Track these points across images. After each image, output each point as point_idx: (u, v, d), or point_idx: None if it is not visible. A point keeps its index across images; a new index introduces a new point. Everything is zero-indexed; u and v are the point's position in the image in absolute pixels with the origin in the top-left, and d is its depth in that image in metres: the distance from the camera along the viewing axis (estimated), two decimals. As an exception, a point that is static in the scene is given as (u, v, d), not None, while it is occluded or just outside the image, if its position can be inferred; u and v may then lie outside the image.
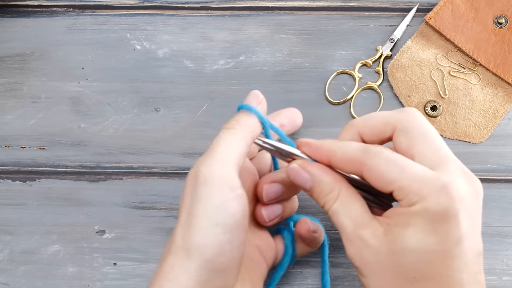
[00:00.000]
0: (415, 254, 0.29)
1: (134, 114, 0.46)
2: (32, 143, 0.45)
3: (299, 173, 0.33)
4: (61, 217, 0.43)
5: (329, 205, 0.32)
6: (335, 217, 0.32)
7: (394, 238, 0.29)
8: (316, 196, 0.33)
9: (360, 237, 0.30)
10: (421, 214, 0.29)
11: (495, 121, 0.44)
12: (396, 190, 0.30)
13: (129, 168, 0.44)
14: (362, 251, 0.30)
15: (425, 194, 0.29)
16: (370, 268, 0.30)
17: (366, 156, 0.31)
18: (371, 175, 0.31)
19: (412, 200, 0.29)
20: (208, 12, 0.49)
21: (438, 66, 0.46)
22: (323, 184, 0.32)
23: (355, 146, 0.32)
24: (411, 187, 0.29)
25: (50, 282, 0.42)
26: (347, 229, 0.31)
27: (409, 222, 0.29)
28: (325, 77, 0.46)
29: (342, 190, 0.32)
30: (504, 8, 0.47)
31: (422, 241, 0.29)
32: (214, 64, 0.47)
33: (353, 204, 0.32)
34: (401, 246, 0.29)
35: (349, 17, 0.48)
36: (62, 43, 0.48)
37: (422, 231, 0.29)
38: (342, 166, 0.32)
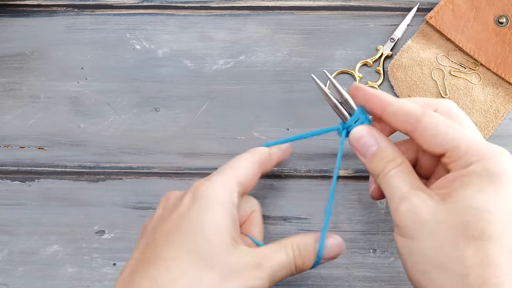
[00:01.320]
0: (477, 212, 0.29)
1: (133, 114, 0.46)
2: (31, 143, 0.45)
3: (365, 136, 0.34)
4: (60, 217, 0.43)
5: (388, 169, 0.32)
6: (393, 179, 0.32)
7: (454, 200, 0.30)
8: (376, 162, 0.33)
9: (417, 195, 0.31)
10: (480, 173, 0.29)
11: (496, 121, 0.44)
12: (451, 150, 0.31)
13: (128, 168, 0.44)
14: (418, 208, 0.30)
15: (484, 155, 0.30)
16: (425, 226, 0.30)
17: (424, 113, 0.32)
18: (426, 133, 0.31)
19: (469, 160, 0.30)
20: (207, 12, 0.49)
21: (438, 66, 0.46)
22: (387, 150, 0.33)
23: (413, 104, 0.33)
24: (470, 148, 0.30)
25: (49, 283, 0.42)
26: (403, 189, 0.31)
27: (468, 183, 0.30)
28: (325, 76, 0.46)
29: (405, 161, 0.33)
30: (505, 7, 0.46)
31: (484, 200, 0.29)
32: (214, 64, 0.47)
33: (412, 173, 0.32)
34: (463, 206, 0.29)
35: (350, 17, 0.48)
36: (61, 43, 0.48)
37: (483, 190, 0.29)
38: (395, 119, 0.33)
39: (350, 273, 0.41)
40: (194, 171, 0.44)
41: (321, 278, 0.41)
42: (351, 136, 0.35)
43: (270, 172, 0.43)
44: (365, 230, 0.42)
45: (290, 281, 0.41)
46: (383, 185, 0.33)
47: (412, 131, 0.32)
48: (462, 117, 0.33)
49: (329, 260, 0.35)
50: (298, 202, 0.43)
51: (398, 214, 0.31)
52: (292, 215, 0.42)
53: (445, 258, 0.29)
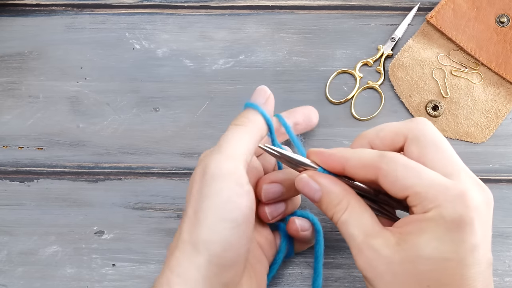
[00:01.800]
0: (430, 262, 0.28)
1: (133, 114, 0.46)
2: (30, 143, 0.45)
3: (308, 183, 0.33)
4: (60, 218, 0.43)
5: (337, 216, 0.32)
6: (345, 228, 0.31)
7: (408, 247, 0.29)
8: (325, 207, 0.33)
9: (371, 247, 0.30)
10: (437, 221, 0.29)
11: (497, 121, 0.44)
12: (411, 195, 0.30)
13: (128, 168, 0.44)
14: (374, 261, 0.30)
15: (441, 201, 0.29)
16: (382, 278, 0.30)
17: (382, 160, 0.31)
18: (386, 180, 0.31)
19: (427, 206, 0.29)
20: (207, 11, 0.48)
21: (439, 66, 0.46)
22: (332, 194, 0.32)
23: (370, 151, 0.32)
24: (428, 194, 0.29)
25: (48, 283, 0.41)
26: (357, 239, 0.31)
27: (424, 229, 0.29)
28: (325, 76, 0.46)
29: (352, 201, 0.32)
30: (506, 7, 0.46)
31: (438, 249, 0.28)
32: (213, 64, 0.47)
33: (363, 215, 0.31)
34: (415, 254, 0.29)
35: (350, 16, 0.48)
36: (60, 42, 0.48)
37: (437, 238, 0.29)
38: (356, 172, 0.32)
39: (350, 273, 0.41)
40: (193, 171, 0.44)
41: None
42: (296, 185, 0.34)
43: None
44: (366, 231, 0.42)
45: (291, 281, 0.41)
46: (340, 231, 0.32)
47: (376, 180, 0.31)
48: (432, 141, 0.31)
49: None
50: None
51: (358, 266, 0.31)
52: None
53: None
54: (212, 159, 0.32)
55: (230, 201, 0.31)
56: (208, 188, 0.31)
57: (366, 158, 0.32)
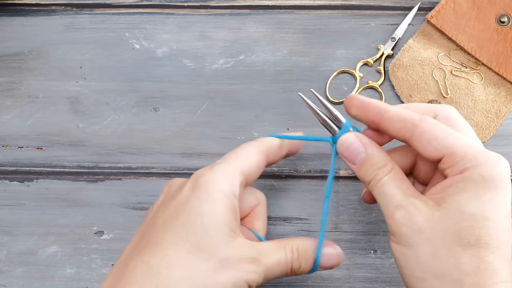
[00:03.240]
0: (472, 218, 0.29)
1: (132, 113, 0.46)
2: (30, 143, 0.45)
3: (353, 144, 0.33)
4: (59, 218, 0.43)
5: (379, 177, 0.32)
6: (386, 187, 0.32)
7: (448, 205, 0.29)
8: (365, 169, 0.33)
9: (412, 203, 0.30)
10: (476, 180, 0.29)
11: (498, 121, 0.44)
12: (448, 155, 0.30)
13: (127, 168, 0.44)
14: (414, 216, 0.30)
15: (481, 160, 0.30)
16: (421, 235, 0.30)
17: (422, 119, 0.32)
18: (423, 138, 0.31)
19: (466, 165, 0.30)
20: (207, 11, 0.48)
21: (439, 65, 0.46)
22: (378, 157, 0.33)
23: (410, 111, 0.33)
24: (466, 153, 0.30)
25: (48, 284, 0.41)
26: (397, 196, 0.31)
27: (463, 188, 0.29)
28: (325, 76, 0.46)
29: (395, 167, 0.32)
30: (506, 7, 0.46)
31: (479, 207, 0.29)
32: (213, 63, 0.47)
33: (404, 179, 0.32)
34: (457, 211, 0.29)
35: (350, 16, 0.48)
36: (60, 42, 0.48)
37: (478, 196, 0.29)
38: (392, 125, 0.33)
39: (350, 273, 0.41)
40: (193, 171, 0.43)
41: (321, 279, 0.41)
42: (339, 144, 0.34)
43: (270, 172, 0.43)
44: (366, 231, 0.42)
45: (291, 281, 0.41)
46: (375, 193, 0.32)
47: (410, 137, 0.32)
48: (462, 123, 0.33)
49: (326, 269, 0.35)
50: (298, 203, 0.43)
51: (394, 222, 0.31)
52: (292, 215, 0.42)
53: (441, 265, 0.29)
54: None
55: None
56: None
57: (406, 113, 0.32)
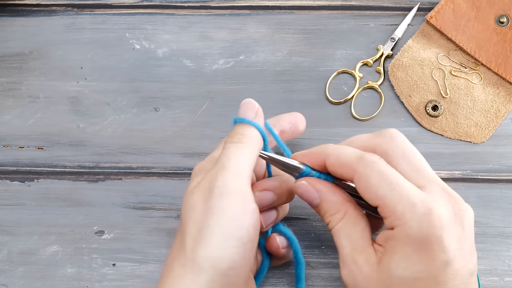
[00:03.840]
0: (402, 282, 0.29)
1: (133, 114, 0.46)
2: (31, 143, 0.45)
3: (307, 190, 0.33)
4: (60, 218, 0.43)
5: (332, 225, 0.32)
6: (336, 237, 0.32)
7: (382, 267, 0.30)
8: (322, 214, 0.33)
9: (355, 262, 0.31)
10: (403, 240, 0.29)
11: (497, 121, 0.44)
12: (381, 206, 0.30)
13: (128, 168, 0.44)
14: (355, 276, 0.31)
15: (407, 219, 0.29)
16: None
17: (359, 163, 0.31)
18: (360, 185, 0.31)
19: (394, 223, 0.29)
20: (207, 11, 0.48)
21: (439, 66, 0.46)
22: (330, 203, 0.33)
23: (351, 151, 0.32)
24: (395, 208, 0.29)
25: (49, 283, 0.41)
26: (344, 250, 0.32)
27: (394, 248, 0.29)
28: (325, 76, 0.46)
29: (348, 212, 0.32)
30: (505, 7, 0.46)
31: (408, 269, 0.29)
32: (213, 64, 0.47)
33: (355, 228, 0.32)
34: (389, 275, 0.29)
35: (350, 16, 0.48)
36: (60, 43, 0.48)
37: (406, 258, 0.29)
38: (335, 170, 0.33)
39: (350, 273, 0.41)
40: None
41: (321, 278, 0.41)
42: (294, 190, 0.34)
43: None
44: (366, 231, 0.42)
45: (290, 281, 0.41)
46: (334, 239, 0.33)
47: (353, 181, 0.32)
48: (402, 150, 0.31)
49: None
50: (298, 203, 0.43)
51: (342, 276, 0.32)
52: (292, 215, 0.42)
53: None
54: (219, 175, 0.31)
55: (237, 219, 0.30)
56: (214, 205, 0.30)
57: (345, 157, 0.32)
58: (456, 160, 0.44)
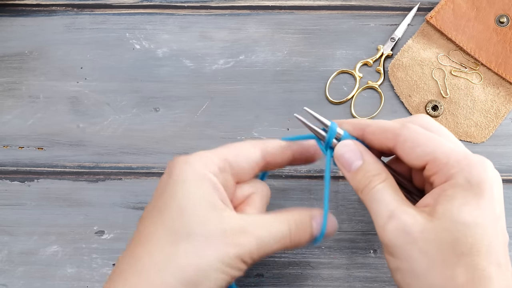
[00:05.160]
0: (464, 228, 0.28)
1: (133, 114, 0.46)
2: (31, 143, 0.45)
3: (351, 150, 0.33)
4: (60, 218, 0.43)
5: (374, 184, 0.32)
6: (379, 194, 0.31)
7: (440, 215, 0.29)
8: (360, 177, 0.33)
9: (406, 212, 0.30)
10: (463, 186, 0.29)
11: (497, 121, 0.44)
12: (431, 162, 0.30)
13: (128, 168, 0.44)
14: (408, 227, 0.29)
15: (464, 165, 0.29)
16: (415, 247, 0.29)
17: (403, 127, 0.32)
18: (405, 146, 0.31)
19: (450, 171, 0.29)
20: (207, 11, 0.48)
21: (439, 66, 0.46)
22: (373, 165, 0.33)
23: (391, 121, 0.33)
24: (449, 159, 0.30)
25: (49, 283, 0.41)
26: (390, 205, 0.30)
27: (452, 196, 0.29)
28: (325, 76, 0.46)
29: (389, 176, 0.32)
30: (505, 7, 0.46)
31: (470, 214, 0.29)
32: (213, 64, 0.47)
33: (398, 190, 0.32)
34: (450, 221, 0.29)
35: (350, 16, 0.48)
36: (60, 43, 0.48)
37: (468, 203, 0.29)
38: (375, 137, 0.33)
39: (350, 273, 0.41)
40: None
41: (321, 278, 0.41)
42: (336, 150, 0.34)
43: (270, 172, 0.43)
44: (366, 231, 0.42)
45: (290, 281, 0.41)
46: (368, 200, 0.32)
47: (393, 147, 0.32)
48: (440, 129, 0.33)
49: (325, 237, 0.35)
50: (298, 202, 0.43)
51: (386, 233, 0.30)
52: (292, 215, 0.42)
53: (437, 278, 0.29)
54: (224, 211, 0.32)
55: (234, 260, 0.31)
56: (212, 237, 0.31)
57: (387, 124, 0.33)
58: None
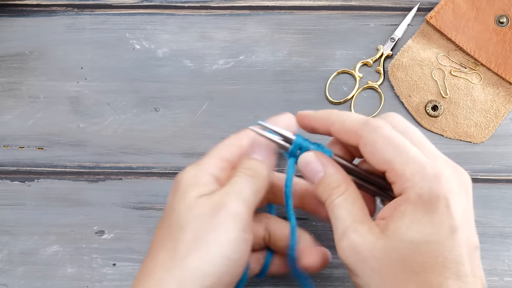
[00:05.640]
0: (413, 246, 0.28)
1: (133, 114, 0.46)
2: (31, 143, 0.45)
3: (312, 163, 0.33)
4: (60, 218, 0.43)
5: (332, 198, 0.32)
6: (336, 210, 0.31)
7: (390, 233, 0.29)
8: (322, 188, 0.33)
9: (357, 231, 0.30)
10: (414, 202, 0.29)
11: (497, 121, 0.44)
12: (389, 171, 0.30)
13: (128, 168, 0.44)
14: (358, 246, 0.30)
15: (418, 180, 0.29)
16: (366, 265, 0.29)
17: (364, 128, 0.31)
18: (366, 150, 0.31)
19: (403, 185, 0.29)
20: (207, 12, 0.49)
21: (439, 66, 0.46)
22: (334, 177, 0.32)
23: (355, 116, 0.32)
24: (404, 171, 0.29)
25: (49, 283, 0.41)
26: (345, 222, 0.31)
27: (403, 212, 0.29)
28: (325, 76, 0.46)
29: (350, 188, 0.32)
30: (505, 7, 0.46)
31: (419, 232, 0.28)
32: (213, 64, 0.47)
33: (356, 203, 0.31)
34: (398, 239, 0.29)
35: (350, 17, 0.48)
36: (61, 43, 0.48)
37: (417, 220, 0.28)
38: (340, 136, 0.33)
39: (350, 273, 0.41)
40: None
41: (321, 278, 0.41)
42: (299, 162, 0.34)
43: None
44: (365, 230, 0.42)
45: (290, 281, 0.41)
46: (329, 214, 0.32)
47: (358, 147, 0.32)
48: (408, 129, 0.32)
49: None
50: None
51: (340, 250, 0.31)
52: (292, 215, 0.42)
53: None
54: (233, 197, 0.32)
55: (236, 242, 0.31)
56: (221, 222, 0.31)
57: (350, 123, 0.32)
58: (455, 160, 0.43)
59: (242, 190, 0.32)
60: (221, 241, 0.30)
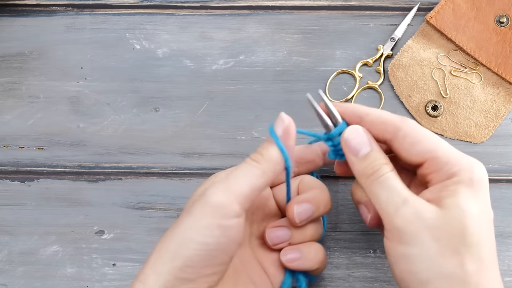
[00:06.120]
0: (472, 218, 0.30)
1: (133, 114, 0.46)
2: (31, 143, 0.45)
3: (360, 135, 0.33)
4: (60, 218, 0.43)
5: (383, 171, 0.32)
6: (391, 181, 0.31)
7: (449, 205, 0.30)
8: (368, 163, 0.32)
9: (419, 199, 0.31)
10: (467, 182, 0.30)
11: (497, 121, 0.44)
12: (430, 160, 0.31)
13: (128, 168, 0.44)
14: (423, 214, 0.30)
15: (466, 165, 0.31)
16: (429, 233, 0.30)
17: (403, 121, 0.32)
18: (405, 141, 0.32)
19: (452, 170, 0.31)
20: (207, 11, 0.49)
21: (439, 66, 0.46)
22: (381, 153, 0.33)
23: (390, 113, 0.33)
24: (450, 158, 0.31)
25: (49, 283, 0.41)
26: (403, 192, 0.31)
27: (458, 190, 0.30)
28: (325, 76, 0.46)
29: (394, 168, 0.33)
30: (505, 7, 0.46)
31: (477, 206, 0.30)
32: (213, 64, 0.47)
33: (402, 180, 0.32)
34: (459, 210, 0.30)
35: (350, 16, 0.48)
36: (61, 43, 0.48)
37: (472, 197, 0.30)
38: (374, 127, 0.33)
39: (350, 273, 0.41)
40: (194, 171, 0.44)
41: (321, 278, 0.41)
42: (346, 135, 0.33)
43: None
44: (365, 230, 0.42)
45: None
46: (375, 187, 0.32)
47: (391, 140, 0.32)
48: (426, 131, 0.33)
49: None
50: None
51: (399, 219, 0.30)
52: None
53: (448, 264, 0.29)
54: (214, 187, 0.32)
55: (208, 229, 0.31)
56: (194, 210, 0.31)
57: (387, 116, 0.33)
58: (456, 160, 0.44)
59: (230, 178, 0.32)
60: (191, 226, 0.31)
